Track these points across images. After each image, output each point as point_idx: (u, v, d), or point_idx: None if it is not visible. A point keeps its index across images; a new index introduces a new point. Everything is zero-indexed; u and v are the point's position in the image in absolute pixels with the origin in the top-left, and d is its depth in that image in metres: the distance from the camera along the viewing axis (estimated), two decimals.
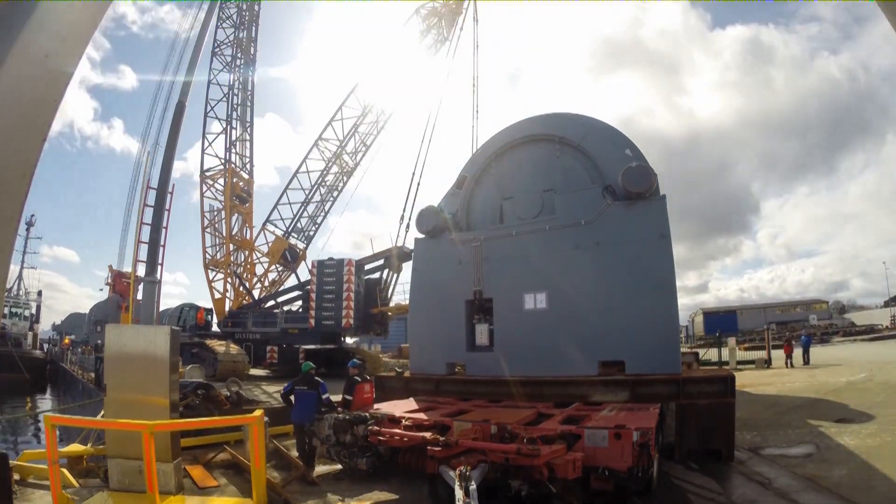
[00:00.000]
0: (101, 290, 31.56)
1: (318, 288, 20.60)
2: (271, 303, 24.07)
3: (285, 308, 23.23)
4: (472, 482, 4.85)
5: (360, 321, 20.84)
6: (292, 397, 7.95)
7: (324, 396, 7.72)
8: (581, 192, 9.20)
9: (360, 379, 8.85)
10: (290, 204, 25.47)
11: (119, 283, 21.32)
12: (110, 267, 28.41)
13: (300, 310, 22.32)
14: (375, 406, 8.16)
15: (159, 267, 14.79)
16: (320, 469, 7.45)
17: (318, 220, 26.05)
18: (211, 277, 24.39)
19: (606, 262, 8.53)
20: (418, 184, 21.11)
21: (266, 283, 25.78)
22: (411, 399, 9.04)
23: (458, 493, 4.76)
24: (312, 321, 20.56)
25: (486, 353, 9.47)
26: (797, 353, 20.06)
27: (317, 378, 7.93)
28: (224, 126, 24.71)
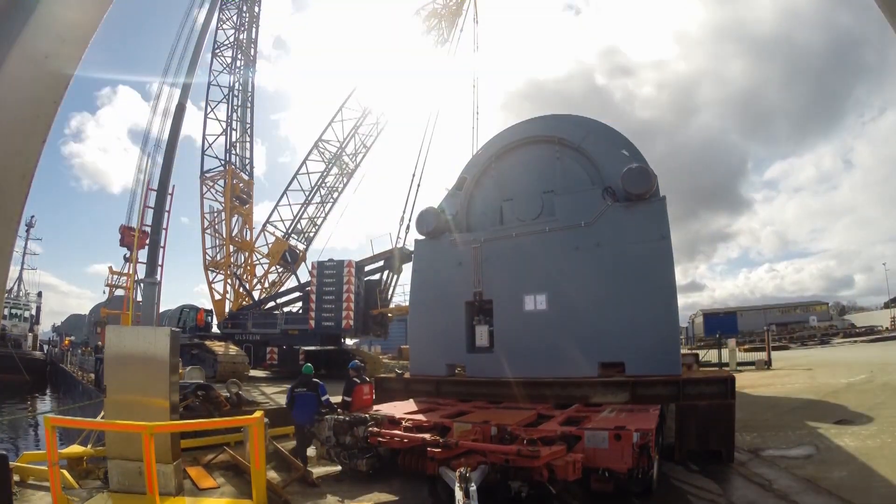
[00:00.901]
0: (104, 292, 31.40)
1: (318, 289, 20.59)
2: (271, 304, 24.07)
3: (285, 309, 23.24)
4: (473, 483, 4.85)
5: (360, 322, 20.83)
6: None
7: (323, 398, 7.74)
8: (581, 193, 9.20)
9: (359, 380, 8.88)
10: (290, 205, 25.50)
11: (128, 236, 20.38)
12: (110, 268, 28.15)
13: (300, 311, 22.32)
14: (375, 407, 8.18)
15: (159, 268, 14.81)
16: (321, 470, 7.45)
17: (319, 222, 26.08)
18: (211, 279, 24.39)
19: (606, 263, 8.53)
20: (418, 185, 21.22)
21: (266, 285, 25.79)
22: (411, 400, 9.04)
23: (458, 495, 4.76)
24: (312, 322, 20.55)
25: (486, 354, 9.47)
26: None
27: (315, 380, 7.95)
28: (224, 127, 24.74)
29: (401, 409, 7.97)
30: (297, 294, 23.34)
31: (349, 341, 25.63)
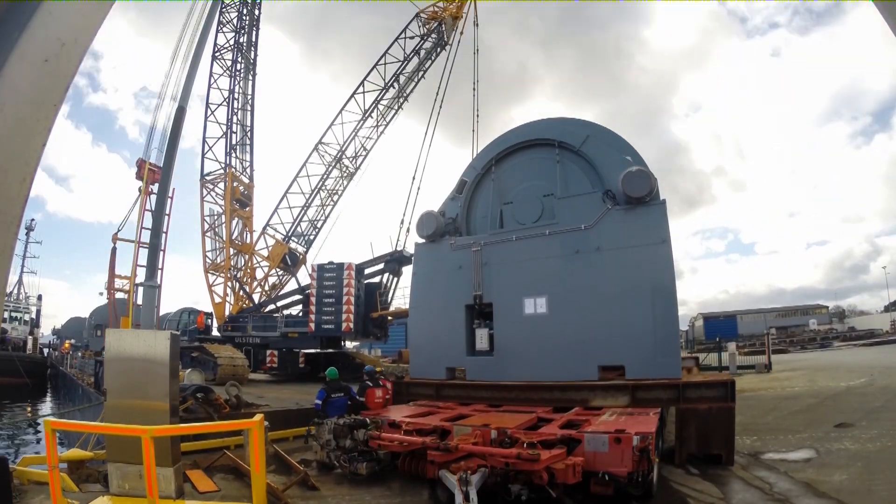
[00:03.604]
0: (101, 293, 31.31)
1: (318, 292, 20.57)
2: (271, 307, 24.03)
3: (285, 312, 23.20)
4: (472, 486, 4.86)
5: (360, 325, 20.81)
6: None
7: (356, 397, 8.76)
8: (581, 196, 9.21)
9: (371, 384, 9.06)
10: (290, 208, 25.46)
11: (143, 168, 19.44)
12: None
13: (300, 314, 22.29)
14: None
15: (159, 271, 14.84)
16: (320, 473, 7.44)
17: (319, 225, 26.02)
18: (211, 282, 24.36)
19: (606, 266, 8.54)
20: (418, 188, 21.24)
21: (266, 288, 25.72)
22: (411, 403, 9.05)
23: (459, 498, 4.76)
24: (312, 325, 20.52)
25: (486, 357, 9.47)
26: None
27: (344, 383, 8.98)
28: (224, 130, 24.74)
29: (401, 412, 7.97)
30: (297, 297, 23.31)
31: (349, 344, 25.59)
